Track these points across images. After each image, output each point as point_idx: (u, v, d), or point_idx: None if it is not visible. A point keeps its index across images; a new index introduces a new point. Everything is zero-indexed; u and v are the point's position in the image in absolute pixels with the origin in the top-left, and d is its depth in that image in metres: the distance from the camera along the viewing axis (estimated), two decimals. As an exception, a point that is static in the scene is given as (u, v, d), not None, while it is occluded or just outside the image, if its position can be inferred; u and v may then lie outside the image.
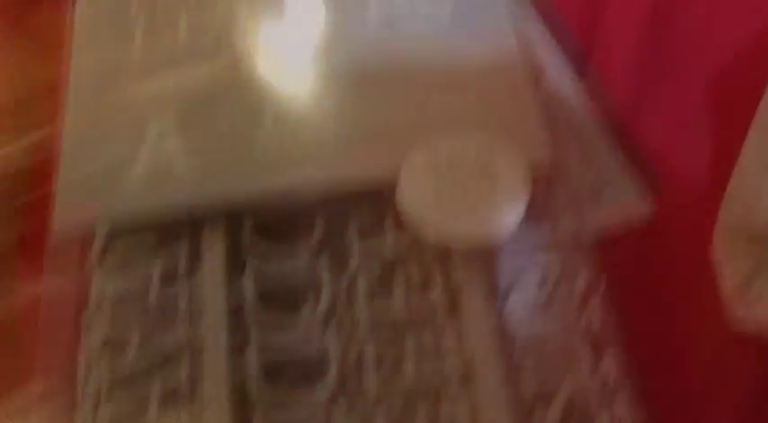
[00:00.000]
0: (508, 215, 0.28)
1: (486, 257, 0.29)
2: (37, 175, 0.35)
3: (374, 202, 0.30)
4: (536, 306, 0.28)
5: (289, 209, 0.30)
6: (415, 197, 0.29)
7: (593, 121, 0.36)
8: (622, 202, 0.34)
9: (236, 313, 0.28)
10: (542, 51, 0.36)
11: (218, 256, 0.29)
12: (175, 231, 0.30)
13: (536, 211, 0.29)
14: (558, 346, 0.28)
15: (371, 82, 0.31)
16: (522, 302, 0.28)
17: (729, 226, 0.31)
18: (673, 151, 0.35)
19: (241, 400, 0.27)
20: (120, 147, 0.30)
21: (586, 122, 0.36)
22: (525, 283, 0.29)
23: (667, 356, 0.31)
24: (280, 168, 0.30)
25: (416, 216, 0.28)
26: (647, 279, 0.33)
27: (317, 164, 0.30)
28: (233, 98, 0.31)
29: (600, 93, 0.37)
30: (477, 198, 0.29)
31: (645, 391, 0.27)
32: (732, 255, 0.31)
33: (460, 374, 0.27)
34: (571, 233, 0.30)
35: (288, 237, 0.30)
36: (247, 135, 0.30)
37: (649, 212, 0.34)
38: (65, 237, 0.30)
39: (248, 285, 0.29)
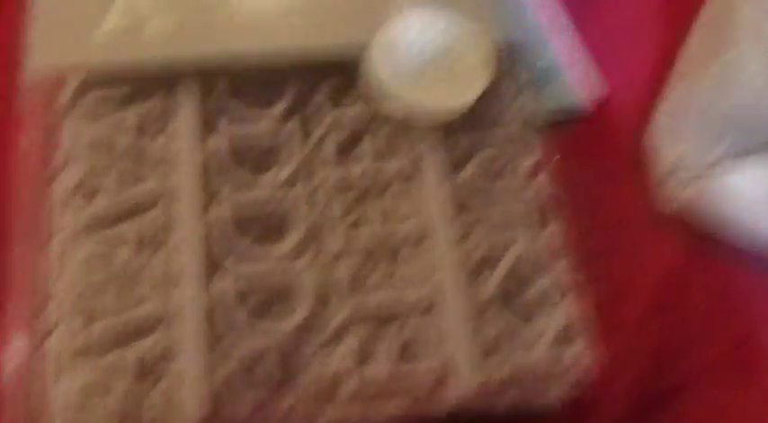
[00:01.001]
0: (468, 92, 0.30)
1: (445, 130, 0.31)
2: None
3: (344, 72, 0.31)
4: (489, 176, 0.30)
5: (261, 73, 0.31)
6: (380, 70, 0.30)
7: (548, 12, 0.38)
8: (568, 91, 0.36)
9: (207, 168, 0.30)
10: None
11: (191, 111, 0.30)
12: (149, 86, 0.31)
13: (494, 91, 0.31)
14: (507, 213, 0.30)
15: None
16: (476, 172, 0.30)
17: (667, 112, 0.34)
18: (618, 44, 0.38)
19: (211, 250, 0.28)
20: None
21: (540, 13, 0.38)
22: (480, 155, 0.31)
23: (600, 234, 0.33)
24: (253, 32, 0.31)
25: (381, 88, 0.30)
26: (586, 163, 0.35)
27: (291, 31, 0.31)
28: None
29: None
30: (440, 74, 0.30)
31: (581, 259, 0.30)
32: (664, 142, 0.34)
33: (417, 236, 0.29)
34: (525, 112, 0.32)
35: (259, 100, 0.31)
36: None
37: (593, 100, 0.36)
38: (36, 85, 0.31)
39: (220, 141, 0.30)
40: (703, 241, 0.33)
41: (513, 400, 0.28)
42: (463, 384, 0.27)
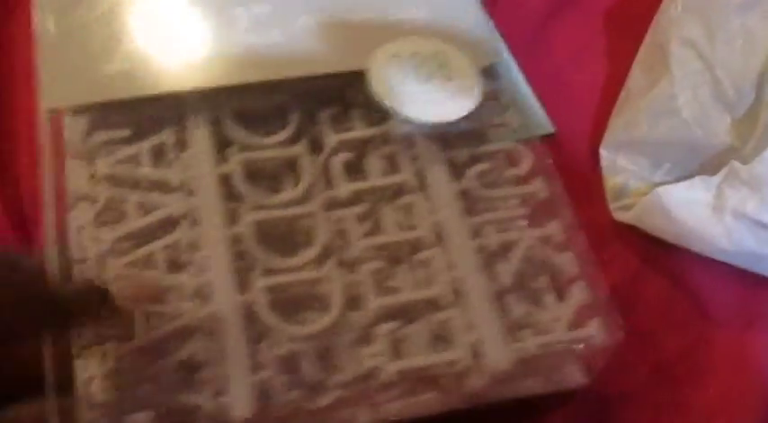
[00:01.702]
0: (462, 102, 0.33)
1: (441, 146, 0.33)
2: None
3: (342, 98, 0.33)
4: (486, 186, 0.32)
5: (264, 103, 0.33)
6: (378, 93, 0.32)
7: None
8: (532, 114, 0.39)
9: (223, 191, 0.31)
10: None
11: (203, 141, 0.32)
12: (159, 121, 0.32)
13: (482, 108, 0.33)
14: (509, 215, 0.32)
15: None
16: (475, 183, 0.32)
17: (613, 142, 0.37)
18: (573, 69, 0.41)
19: (236, 266, 0.29)
20: (102, 38, 0.32)
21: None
22: (476, 168, 0.33)
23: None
24: (255, 65, 0.33)
25: (385, 102, 0.32)
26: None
27: (291, 62, 0.33)
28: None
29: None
30: (437, 87, 0.33)
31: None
32: (612, 167, 0.37)
33: (430, 240, 0.31)
34: (511, 127, 0.34)
35: (264, 129, 0.33)
36: (225, 32, 0.33)
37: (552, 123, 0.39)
38: (52, 123, 0.32)
39: (233, 167, 0.31)
40: (656, 250, 0.36)
41: (536, 383, 0.30)
42: (489, 369, 0.28)
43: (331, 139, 0.32)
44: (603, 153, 0.37)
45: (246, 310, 0.28)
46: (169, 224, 0.30)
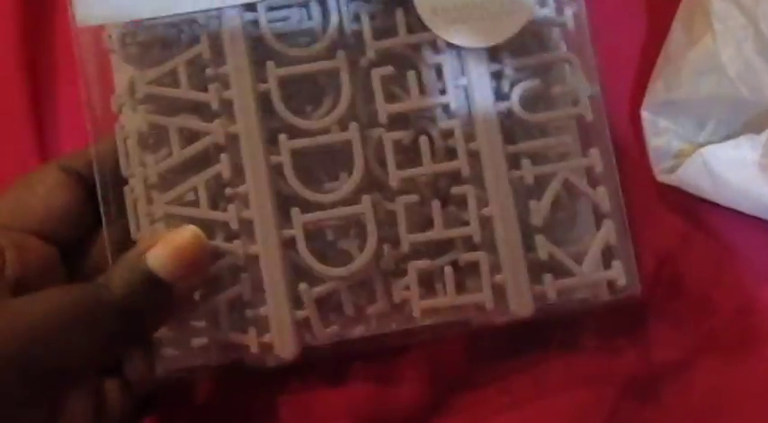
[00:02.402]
0: (511, 21, 0.31)
1: (490, 58, 0.31)
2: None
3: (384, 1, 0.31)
4: (532, 107, 0.31)
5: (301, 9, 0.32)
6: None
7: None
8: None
9: (264, 114, 0.31)
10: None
11: (240, 56, 0.31)
12: (194, 31, 0.31)
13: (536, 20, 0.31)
14: (550, 143, 0.32)
15: None
16: (520, 102, 0.31)
17: (654, 103, 0.35)
18: (611, 30, 0.37)
19: (277, 200, 0.31)
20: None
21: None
22: (524, 85, 0.31)
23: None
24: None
25: (431, 16, 0.30)
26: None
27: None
28: None
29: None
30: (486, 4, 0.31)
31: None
32: (655, 129, 0.35)
33: (467, 172, 0.31)
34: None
35: (302, 36, 0.32)
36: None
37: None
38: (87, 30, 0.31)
39: (273, 84, 0.31)
40: (702, 211, 0.35)
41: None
42: (513, 309, 0.31)
43: (369, 49, 0.31)
44: (645, 114, 0.35)
45: (286, 250, 0.30)
46: (210, 153, 0.31)
